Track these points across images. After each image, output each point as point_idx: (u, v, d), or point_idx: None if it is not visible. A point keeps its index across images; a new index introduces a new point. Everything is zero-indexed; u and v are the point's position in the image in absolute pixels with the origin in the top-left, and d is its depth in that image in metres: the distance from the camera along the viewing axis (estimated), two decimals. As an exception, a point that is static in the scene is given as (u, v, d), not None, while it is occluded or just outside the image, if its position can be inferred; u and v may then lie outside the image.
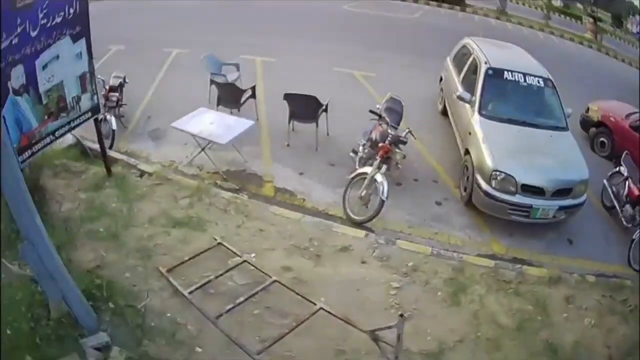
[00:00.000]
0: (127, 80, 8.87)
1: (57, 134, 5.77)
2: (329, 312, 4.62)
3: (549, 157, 7.22)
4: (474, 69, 8.62)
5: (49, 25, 5.34)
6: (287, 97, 8.19)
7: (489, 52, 8.78)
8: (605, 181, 8.03)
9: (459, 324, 4.85)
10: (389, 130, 7.01)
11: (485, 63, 8.29)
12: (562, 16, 36.99)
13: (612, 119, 9.93)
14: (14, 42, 4.91)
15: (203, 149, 7.51)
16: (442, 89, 10.32)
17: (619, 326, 5.26)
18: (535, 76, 8.26)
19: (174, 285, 4.90)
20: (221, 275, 5.07)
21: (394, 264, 5.61)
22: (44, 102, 5.44)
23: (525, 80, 8.14)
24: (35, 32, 5.19)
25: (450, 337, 4.64)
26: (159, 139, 8.59)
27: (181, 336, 4.43)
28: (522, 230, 7.02)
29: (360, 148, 7.51)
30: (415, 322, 4.72)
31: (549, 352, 4.60)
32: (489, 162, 6.86)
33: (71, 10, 5.68)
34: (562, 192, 6.87)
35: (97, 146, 7.09)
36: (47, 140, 5.62)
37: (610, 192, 7.88)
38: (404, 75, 12.13)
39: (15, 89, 5.02)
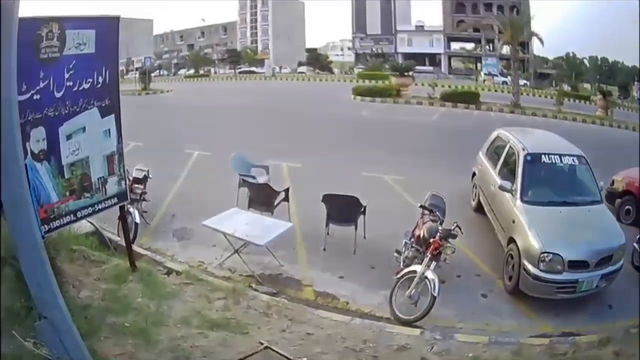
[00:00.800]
0: (150, 176, 8.95)
1: (78, 214, 5.40)
2: None
3: (590, 231, 7.36)
4: (510, 158, 8.82)
5: (75, 89, 5.16)
6: (326, 198, 8.14)
7: (524, 139, 9.02)
8: (635, 244, 8.09)
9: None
10: (439, 225, 6.94)
11: (523, 149, 8.44)
12: (572, 100, 38.39)
13: (636, 184, 10.18)
14: (35, 97, 4.73)
15: (237, 251, 7.34)
16: (474, 185, 10.37)
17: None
18: (570, 155, 8.52)
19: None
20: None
21: (454, 357, 5.20)
22: (67, 176, 5.18)
23: (561, 161, 8.41)
24: (60, 94, 5.03)
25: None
26: (185, 239, 8.57)
27: None
28: (566, 308, 6.96)
29: (403, 248, 7.33)
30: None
31: None
32: (536, 246, 6.85)
33: (100, 79, 5.48)
34: (604, 260, 6.96)
35: (116, 237, 6.94)
36: (67, 219, 5.26)
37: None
38: (431, 176, 12.20)
39: (34, 153, 4.76)
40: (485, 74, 63.68)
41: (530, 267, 6.82)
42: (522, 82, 55.01)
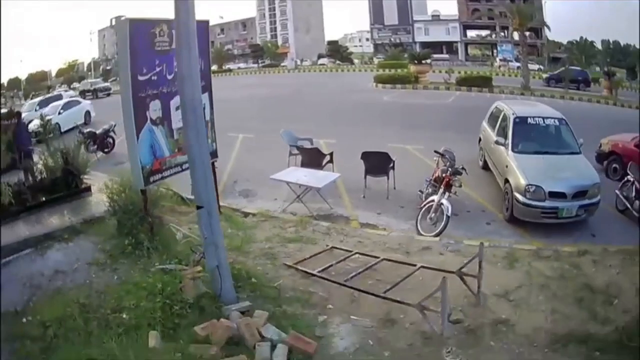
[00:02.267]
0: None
1: (183, 166, 7.21)
2: (428, 268, 6.47)
3: (566, 171, 9.53)
4: (504, 122, 11.14)
5: None
6: (364, 155, 10.62)
7: (514, 107, 11.56)
8: (617, 191, 10.03)
9: (516, 278, 6.53)
10: (449, 165, 9.29)
11: (513, 114, 10.87)
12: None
13: (620, 145, 12.19)
14: (153, 78, 6.59)
15: (298, 196, 9.67)
16: (481, 148, 12.69)
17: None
18: (551, 118, 10.96)
19: (303, 270, 6.71)
20: (339, 262, 6.88)
21: (463, 253, 7.35)
22: (175, 137, 7.09)
23: (544, 122, 10.80)
24: (171, 77, 6.79)
25: (512, 284, 6.32)
26: (249, 197, 10.86)
27: (314, 300, 6.10)
28: (555, 233, 8.87)
29: (425, 188, 9.69)
30: (485, 280, 6.43)
31: (587, 289, 6.22)
32: (523, 181, 9.10)
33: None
34: (580, 194, 9.00)
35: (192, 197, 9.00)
36: (175, 170, 7.23)
37: (622, 197, 9.84)
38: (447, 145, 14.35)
39: (152, 119, 6.69)
40: (500, 60, 64.71)
41: (519, 197, 9.03)
42: (536, 66, 56.66)
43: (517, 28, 36.63)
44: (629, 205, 9.60)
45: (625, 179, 10.06)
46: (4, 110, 11.63)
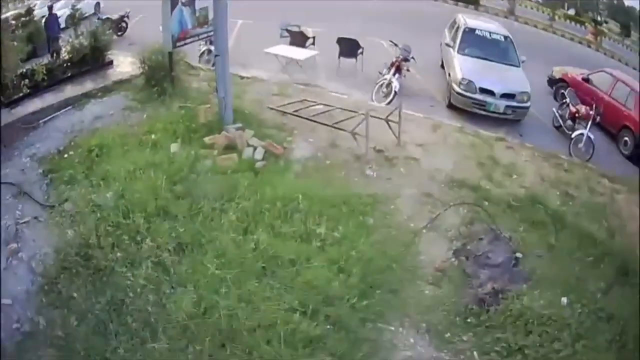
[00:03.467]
0: None
1: (200, 36, 9.84)
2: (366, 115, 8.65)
3: (499, 75, 11.50)
4: (458, 30, 13.03)
5: None
6: (339, 40, 12.80)
7: (469, 20, 13.51)
8: (554, 109, 11.87)
9: (434, 137, 9.22)
10: (402, 53, 11.60)
11: (464, 25, 12.93)
12: (568, 21, 40.67)
13: (569, 75, 13.90)
14: None
15: (285, 65, 11.96)
16: (441, 50, 14.56)
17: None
18: (498, 34, 12.85)
19: (281, 110, 9.28)
20: (306, 107, 9.35)
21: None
22: (197, 15, 9.36)
23: (490, 36, 12.72)
24: None
25: (430, 140, 9.01)
26: (246, 66, 12.89)
27: (285, 128, 8.71)
28: (486, 124, 10.70)
29: (385, 71, 11.82)
30: (410, 135, 8.93)
31: (491, 160, 8.65)
32: (459, 75, 11.27)
33: None
34: (508, 96, 11.01)
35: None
36: (194, 39, 9.74)
37: (558, 116, 11.63)
38: (420, 45, 15.65)
39: (183, 1, 8.99)
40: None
41: (455, 87, 11.23)
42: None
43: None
44: (562, 123, 11.35)
45: (563, 100, 11.79)
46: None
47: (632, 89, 11.68)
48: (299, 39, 13.37)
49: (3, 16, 10.20)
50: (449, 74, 11.84)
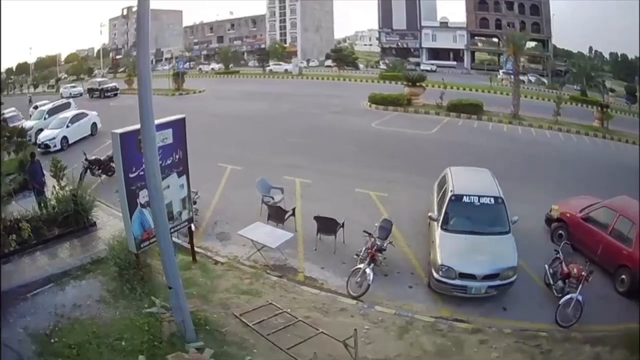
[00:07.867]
0: (198, 195, 13.44)
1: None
2: (326, 334, 8.50)
3: (484, 254, 10.47)
4: (445, 194, 11.95)
5: (163, 165, 9.08)
6: (316, 218, 12.58)
7: (457, 180, 12.24)
8: (546, 266, 10.89)
9: (399, 347, 8.59)
10: (377, 242, 11.13)
11: (451, 190, 11.73)
12: (576, 104, 40.99)
13: (567, 214, 12.99)
14: (140, 173, 8.68)
15: (259, 250, 11.79)
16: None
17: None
18: (488, 196, 11.57)
19: (244, 321, 8.93)
20: (270, 318, 9.06)
21: (370, 318, 9.41)
22: None
23: (479, 201, 11.49)
24: None
25: (392, 352, 8.41)
26: (224, 240, 13.05)
27: (246, 345, 8.31)
28: (469, 303, 10.25)
29: (362, 252, 11.28)
30: (373, 346, 8.52)
31: None
32: (438, 260, 10.38)
33: (177, 156, 9.91)
34: (490, 276, 10.16)
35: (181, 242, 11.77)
36: None
37: (549, 273, 10.71)
38: (411, 194, 16.23)
39: (142, 203, 9.12)
40: (503, 72, 65.49)
41: (434, 273, 10.35)
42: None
43: (512, 55, 38.25)
44: (552, 282, 10.49)
45: (557, 255, 10.85)
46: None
47: (633, 222, 11.08)
48: (277, 214, 13.34)
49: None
50: (430, 253, 11.12)
